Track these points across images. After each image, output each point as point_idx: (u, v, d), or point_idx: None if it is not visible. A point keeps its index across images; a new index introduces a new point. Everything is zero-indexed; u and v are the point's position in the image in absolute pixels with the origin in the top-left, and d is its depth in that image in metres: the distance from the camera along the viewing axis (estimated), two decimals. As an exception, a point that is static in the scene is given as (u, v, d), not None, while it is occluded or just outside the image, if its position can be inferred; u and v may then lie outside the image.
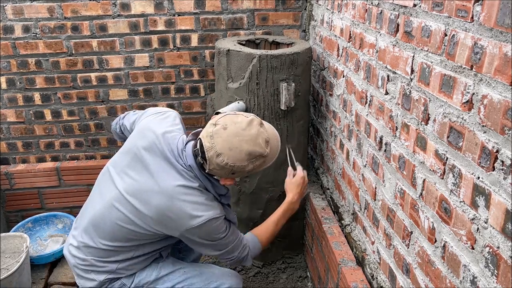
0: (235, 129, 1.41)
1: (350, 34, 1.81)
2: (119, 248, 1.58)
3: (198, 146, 1.46)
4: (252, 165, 1.44)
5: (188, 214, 1.45)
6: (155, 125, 1.59)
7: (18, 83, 2.53)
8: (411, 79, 1.26)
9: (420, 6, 1.19)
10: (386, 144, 1.47)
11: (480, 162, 0.94)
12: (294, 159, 2.00)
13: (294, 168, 1.92)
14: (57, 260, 2.45)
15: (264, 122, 1.54)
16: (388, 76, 1.43)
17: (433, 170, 1.15)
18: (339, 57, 1.98)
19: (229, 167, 1.41)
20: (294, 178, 1.88)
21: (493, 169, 0.90)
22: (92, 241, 1.59)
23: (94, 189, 1.69)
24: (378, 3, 1.48)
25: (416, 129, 1.24)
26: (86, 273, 1.61)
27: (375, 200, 1.59)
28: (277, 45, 2.35)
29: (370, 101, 1.61)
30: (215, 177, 1.52)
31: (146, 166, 1.51)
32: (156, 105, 2.66)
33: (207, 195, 1.51)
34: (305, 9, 2.54)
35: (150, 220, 1.49)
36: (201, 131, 1.52)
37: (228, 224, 1.57)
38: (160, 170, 1.48)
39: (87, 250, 1.61)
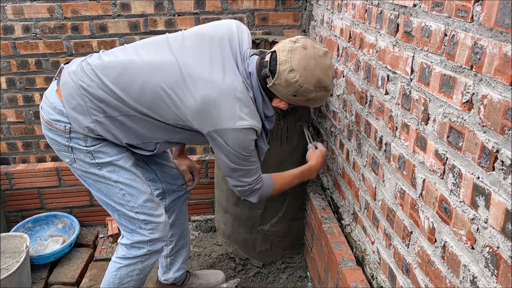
0: (314, 53, 1.41)
1: (350, 34, 1.81)
2: (127, 106, 1.49)
3: (268, 59, 1.44)
4: (314, 94, 1.43)
5: (235, 114, 1.41)
6: (223, 24, 1.60)
7: (18, 83, 2.53)
8: (411, 79, 1.26)
9: (420, 6, 1.19)
10: (386, 144, 1.47)
11: (480, 162, 0.94)
12: (311, 137, 2.07)
13: (313, 146, 1.98)
14: (57, 260, 2.45)
15: None
16: (388, 76, 1.43)
17: (433, 170, 1.15)
18: (339, 57, 1.98)
19: (297, 86, 1.40)
20: (318, 149, 1.92)
21: (493, 169, 0.90)
22: (110, 82, 1.48)
23: (140, 44, 1.60)
24: (378, 3, 1.48)
25: (416, 129, 1.24)
26: (72, 99, 1.50)
27: (375, 200, 1.59)
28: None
29: (370, 101, 1.61)
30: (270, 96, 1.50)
31: (212, 54, 1.46)
32: (156, 105, 2.66)
33: (254, 107, 1.48)
34: (305, 9, 2.54)
35: (192, 105, 1.43)
36: (265, 51, 1.51)
37: (254, 150, 1.55)
38: (222, 65, 1.44)
39: (99, 86, 1.49)
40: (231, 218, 2.35)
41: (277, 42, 2.32)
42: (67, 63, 1.65)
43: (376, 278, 1.58)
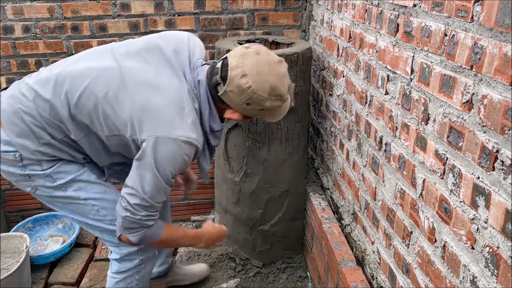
0: (268, 59, 1.33)
1: (350, 34, 1.81)
2: (71, 121, 1.38)
3: (219, 65, 1.35)
4: (269, 102, 1.33)
5: (175, 123, 1.30)
6: (179, 37, 1.52)
7: (18, 83, 2.53)
8: (411, 79, 1.26)
9: (420, 6, 1.19)
10: (386, 144, 1.47)
11: (480, 162, 0.94)
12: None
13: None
14: (57, 260, 2.45)
15: None
16: (388, 76, 1.43)
17: (433, 170, 1.15)
18: (339, 57, 1.98)
19: (250, 92, 1.29)
20: (217, 228, 1.78)
21: (493, 169, 0.90)
22: (48, 94, 1.38)
23: (82, 53, 1.51)
24: (378, 3, 1.48)
25: (416, 129, 1.24)
26: (13, 124, 1.39)
27: (375, 200, 1.59)
28: (277, 45, 2.35)
29: (370, 101, 1.61)
30: (221, 107, 1.39)
31: (159, 61, 1.38)
32: (156, 105, 2.66)
33: (197, 121, 1.37)
34: (305, 9, 2.54)
35: (128, 108, 1.32)
36: (213, 61, 1.45)
37: (199, 168, 1.43)
38: (169, 71, 1.36)
39: (37, 103, 1.38)
40: (231, 218, 2.35)
41: (277, 42, 2.33)
42: (5, 89, 1.52)
43: (376, 278, 1.58)
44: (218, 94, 1.35)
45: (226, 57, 1.35)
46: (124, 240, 1.44)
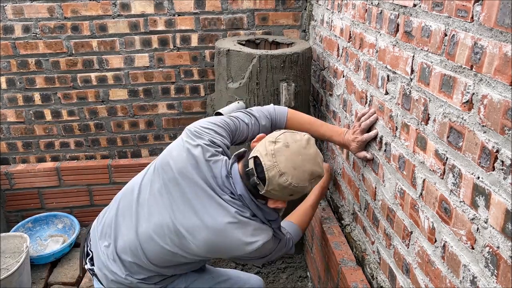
0: (298, 148, 1.31)
1: (350, 34, 1.81)
2: (160, 270, 1.50)
3: (252, 166, 1.33)
4: (310, 186, 1.35)
5: (243, 242, 1.37)
6: (187, 154, 1.43)
7: (18, 83, 2.53)
8: (411, 79, 1.26)
9: (420, 6, 1.19)
10: (386, 144, 1.47)
11: (480, 162, 0.94)
12: None
13: None
14: (57, 260, 2.45)
15: None
16: (388, 76, 1.43)
17: (433, 170, 1.15)
18: (339, 57, 1.98)
19: (292, 187, 1.29)
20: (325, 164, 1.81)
21: (493, 169, 0.90)
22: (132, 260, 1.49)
23: (125, 203, 1.53)
24: (378, 3, 1.48)
25: (416, 129, 1.24)
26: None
27: (375, 200, 1.59)
28: (277, 45, 2.35)
29: (370, 101, 1.61)
30: (263, 201, 1.42)
31: (187, 199, 1.39)
32: (155, 106, 2.67)
33: (256, 220, 1.42)
34: (305, 9, 2.54)
35: (197, 251, 1.41)
36: (244, 152, 1.44)
37: (276, 235, 1.50)
38: (203, 205, 1.37)
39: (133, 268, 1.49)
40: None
41: (277, 42, 2.33)
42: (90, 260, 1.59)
43: (376, 278, 1.58)
44: (260, 193, 1.34)
45: (257, 156, 1.32)
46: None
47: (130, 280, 1.49)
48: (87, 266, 1.58)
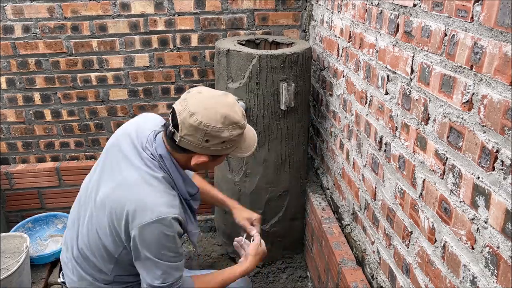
0: (212, 94, 1.34)
1: (350, 34, 1.81)
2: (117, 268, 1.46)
3: (169, 118, 1.34)
4: (227, 132, 1.30)
5: (146, 204, 1.30)
6: (125, 126, 1.51)
7: (18, 83, 2.53)
8: (411, 79, 1.26)
9: (420, 6, 1.19)
10: (386, 144, 1.47)
11: (480, 162, 0.94)
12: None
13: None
14: (57, 260, 2.44)
15: None
16: (388, 76, 1.43)
17: (433, 170, 1.15)
18: (339, 57, 1.98)
19: (203, 127, 1.27)
20: (261, 248, 1.66)
21: (493, 169, 0.90)
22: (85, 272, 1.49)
23: (76, 209, 1.56)
24: (378, 3, 1.48)
25: (416, 129, 1.24)
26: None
27: (375, 200, 1.59)
28: (277, 45, 2.35)
29: (370, 101, 1.61)
30: (186, 155, 1.37)
31: (114, 164, 1.41)
32: (155, 106, 2.67)
33: (171, 191, 1.37)
34: (305, 9, 2.54)
35: (111, 221, 1.35)
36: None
37: (179, 249, 1.38)
38: (126, 162, 1.38)
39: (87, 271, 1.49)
40: (232, 218, 2.35)
41: (277, 42, 2.33)
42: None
43: (376, 278, 1.58)
44: (176, 143, 1.33)
45: (173, 107, 1.34)
46: None
47: (97, 285, 1.47)
48: (60, 279, 1.58)
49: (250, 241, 1.70)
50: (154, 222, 1.28)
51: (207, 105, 1.29)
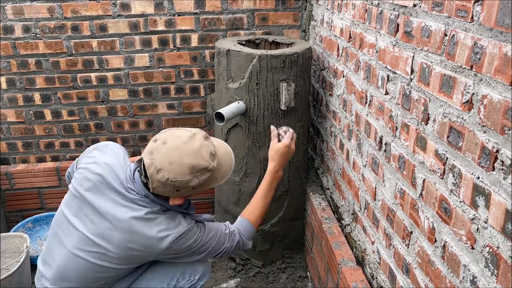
0: (176, 143, 1.35)
1: (350, 34, 1.81)
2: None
3: (142, 165, 1.39)
4: (197, 180, 1.36)
5: (155, 238, 1.38)
6: (92, 161, 1.51)
7: (18, 83, 2.53)
8: (411, 79, 1.26)
9: (420, 6, 1.19)
10: (386, 144, 1.47)
11: (480, 162, 0.94)
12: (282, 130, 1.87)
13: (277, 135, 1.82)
14: (57, 260, 2.44)
15: (212, 137, 1.50)
16: (388, 76, 1.43)
17: (433, 170, 1.15)
18: (339, 57, 1.98)
19: (171, 182, 1.33)
20: (277, 145, 1.76)
21: (493, 169, 0.90)
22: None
23: (52, 234, 1.55)
24: (378, 3, 1.48)
25: (416, 129, 1.24)
26: None
27: (375, 200, 1.59)
28: (277, 45, 2.35)
29: (370, 101, 1.61)
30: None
31: (95, 208, 1.43)
32: (155, 106, 2.67)
33: (168, 214, 1.45)
34: (305, 9, 2.54)
35: (118, 258, 1.42)
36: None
37: (201, 227, 1.51)
38: (111, 207, 1.40)
39: None
40: (231, 218, 2.35)
41: (277, 42, 2.33)
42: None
43: (376, 278, 1.58)
44: (150, 192, 1.40)
45: (141, 157, 1.40)
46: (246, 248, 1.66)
47: None
48: None
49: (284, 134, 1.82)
50: (173, 242, 1.40)
51: (172, 159, 1.33)
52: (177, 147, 1.35)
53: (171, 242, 1.40)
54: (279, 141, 1.80)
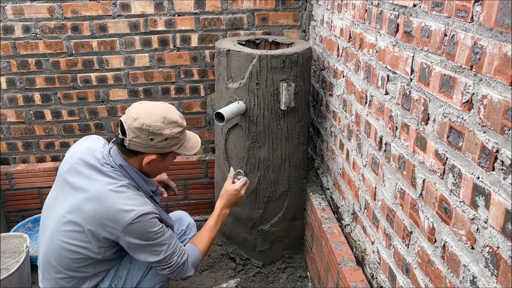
0: (151, 103, 1.58)
1: (350, 34, 1.81)
2: (75, 276, 1.59)
3: (119, 128, 1.55)
4: (169, 130, 1.52)
5: (120, 210, 1.47)
6: (77, 147, 1.66)
7: (18, 83, 2.53)
8: (411, 79, 1.26)
9: (420, 6, 1.19)
10: (386, 144, 1.47)
11: (480, 162, 0.94)
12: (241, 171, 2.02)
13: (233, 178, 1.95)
14: (57, 260, 2.44)
15: None
16: (388, 76, 1.43)
17: (433, 170, 1.15)
18: (339, 57, 1.98)
19: (146, 127, 1.49)
20: (229, 186, 1.89)
21: (493, 169, 0.90)
22: (52, 279, 1.61)
23: (41, 222, 1.68)
24: (378, 3, 1.48)
25: (416, 129, 1.24)
26: None
27: (375, 200, 1.59)
28: (277, 45, 2.35)
29: (370, 101, 1.61)
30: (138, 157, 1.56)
31: (72, 186, 1.55)
32: (156, 105, 2.67)
33: (137, 192, 1.56)
34: (305, 9, 2.54)
35: (91, 229, 1.50)
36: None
37: (163, 225, 1.58)
38: (86, 181, 1.52)
39: None
40: (231, 218, 2.35)
41: (277, 42, 2.33)
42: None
43: (376, 278, 1.58)
44: (126, 147, 1.53)
45: (120, 120, 1.55)
46: (185, 277, 1.69)
47: None
48: None
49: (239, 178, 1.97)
50: (136, 218, 1.47)
51: (147, 109, 1.53)
52: (152, 104, 1.57)
53: (133, 218, 1.47)
54: (233, 182, 1.93)
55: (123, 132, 1.52)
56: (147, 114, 1.50)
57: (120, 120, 1.55)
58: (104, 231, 1.50)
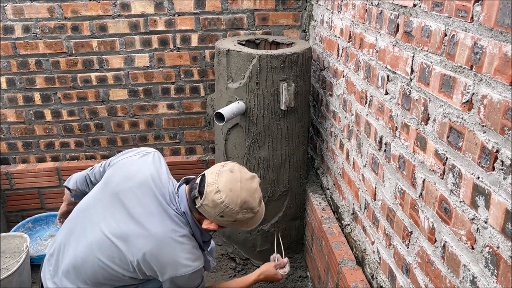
0: (240, 176, 1.48)
1: (350, 34, 1.81)
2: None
3: (198, 181, 1.49)
4: (241, 215, 1.47)
5: (176, 262, 1.45)
6: (139, 166, 1.58)
7: (18, 83, 2.53)
8: (411, 79, 1.26)
9: (420, 6, 1.19)
10: (386, 144, 1.47)
11: (480, 162, 0.94)
12: (282, 248, 2.06)
13: (282, 256, 2.01)
14: (57, 260, 2.44)
15: None
16: (388, 76, 1.43)
17: (433, 170, 1.15)
18: (339, 57, 1.98)
19: (223, 206, 1.43)
20: (272, 270, 1.91)
21: (493, 169, 0.90)
22: (73, 285, 1.54)
23: (71, 224, 1.60)
24: (378, 3, 1.48)
25: (416, 129, 1.24)
26: None
27: (375, 200, 1.59)
28: (277, 45, 2.35)
29: (370, 101, 1.61)
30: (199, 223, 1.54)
31: (127, 210, 1.48)
32: (155, 106, 2.67)
33: (195, 243, 1.53)
34: (305, 9, 2.54)
35: (136, 264, 1.46)
36: (192, 177, 1.59)
37: (203, 277, 1.59)
38: (146, 215, 1.47)
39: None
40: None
41: (277, 42, 2.33)
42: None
43: (376, 278, 1.58)
44: (196, 207, 1.48)
45: (204, 174, 1.50)
46: None
47: None
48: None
49: (281, 257, 2.02)
50: (188, 274, 1.47)
51: (233, 187, 1.45)
52: (240, 180, 1.47)
53: (186, 273, 1.46)
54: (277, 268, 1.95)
55: (201, 192, 1.46)
56: (231, 191, 1.44)
57: (203, 175, 1.49)
58: (150, 270, 1.47)
